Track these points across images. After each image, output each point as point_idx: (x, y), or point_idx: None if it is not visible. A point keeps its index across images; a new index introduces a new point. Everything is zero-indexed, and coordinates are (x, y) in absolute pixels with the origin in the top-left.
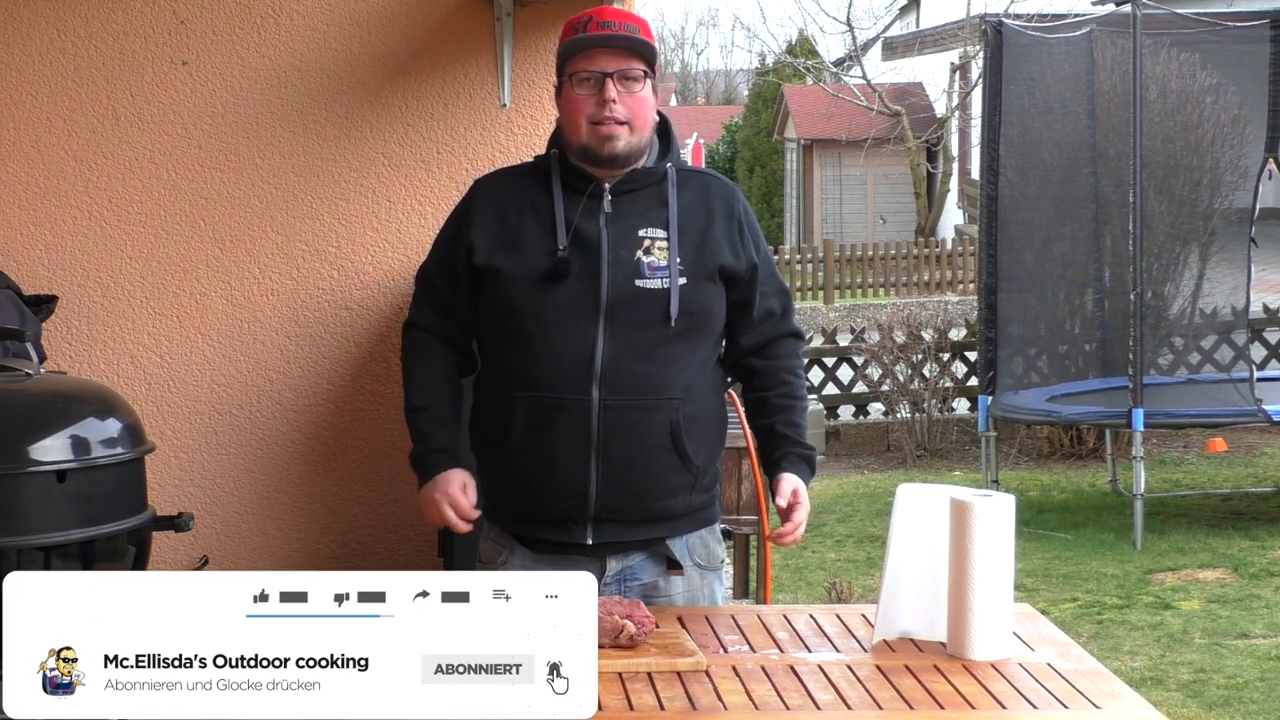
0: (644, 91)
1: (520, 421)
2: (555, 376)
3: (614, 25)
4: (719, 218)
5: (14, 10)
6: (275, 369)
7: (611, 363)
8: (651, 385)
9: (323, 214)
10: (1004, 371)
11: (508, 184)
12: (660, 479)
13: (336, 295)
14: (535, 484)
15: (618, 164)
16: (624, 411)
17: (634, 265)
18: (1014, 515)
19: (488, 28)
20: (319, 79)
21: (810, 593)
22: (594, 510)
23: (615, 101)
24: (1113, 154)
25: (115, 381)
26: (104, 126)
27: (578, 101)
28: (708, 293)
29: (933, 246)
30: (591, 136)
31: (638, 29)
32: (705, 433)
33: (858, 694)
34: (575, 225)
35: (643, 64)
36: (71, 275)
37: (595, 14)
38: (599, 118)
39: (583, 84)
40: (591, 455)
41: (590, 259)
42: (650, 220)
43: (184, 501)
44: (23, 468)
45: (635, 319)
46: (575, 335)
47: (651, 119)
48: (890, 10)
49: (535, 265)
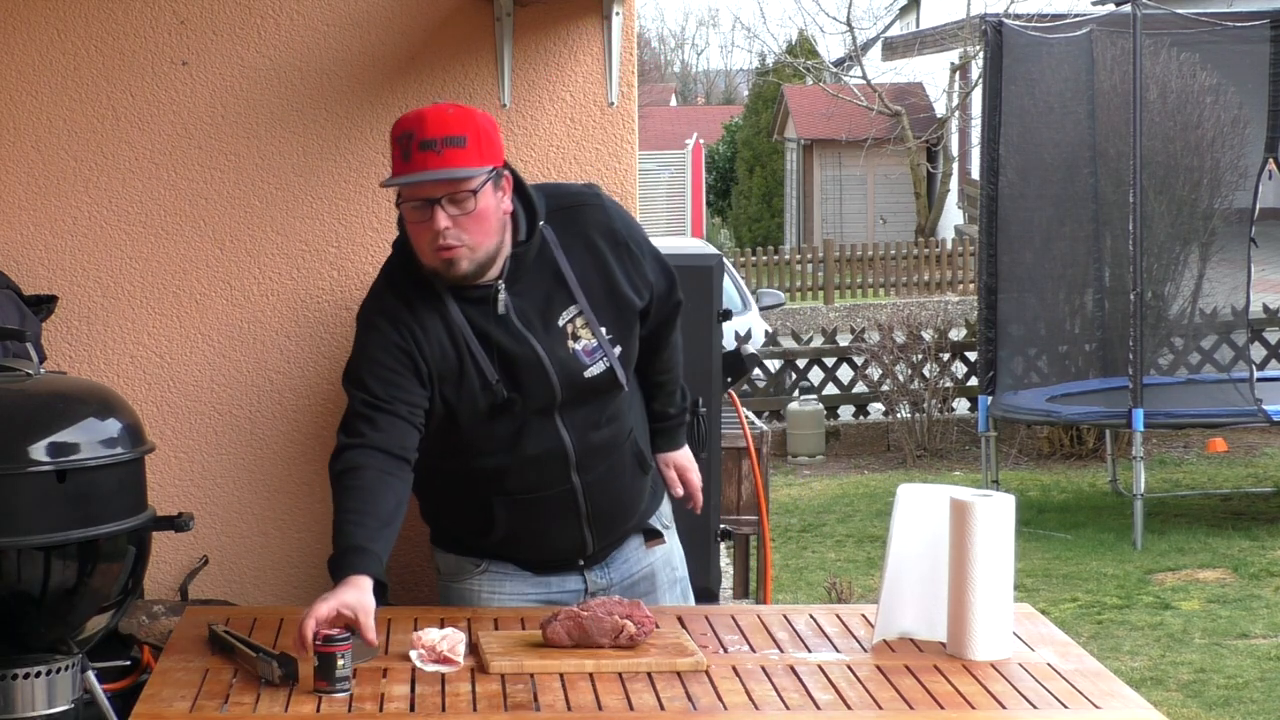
0: (481, 204)
1: (504, 519)
2: (532, 478)
3: (435, 144)
4: (609, 256)
5: (14, 10)
6: (275, 369)
7: (580, 446)
8: (615, 440)
9: (323, 214)
10: (1004, 371)
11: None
12: (637, 496)
13: (336, 295)
14: (529, 554)
15: (471, 279)
16: (601, 478)
17: (573, 358)
18: (1014, 515)
19: (488, 28)
20: (319, 79)
21: (810, 593)
22: (590, 552)
23: (449, 228)
24: (1113, 154)
25: (115, 381)
26: (104, 126)
27: (413, 227)
28: (634, 338)
29: (933, 246)
30: (436, 261)
31: (464, 139)
32: (643, 424)
33: (858, 694)
34: (498, 346)
35: (474, 182)
36: (71, 275)
37: (415, 128)
38: (434, 246)
39: (411, 210)
40: (583, 523)
41: (533, 372)
42: (559, 302)
43: (184, 501)
44: (22, 468)
45: (590, 402)
46: (541, 438)
47: (497, 225)
48: (890, 10)
49: (478, 402)
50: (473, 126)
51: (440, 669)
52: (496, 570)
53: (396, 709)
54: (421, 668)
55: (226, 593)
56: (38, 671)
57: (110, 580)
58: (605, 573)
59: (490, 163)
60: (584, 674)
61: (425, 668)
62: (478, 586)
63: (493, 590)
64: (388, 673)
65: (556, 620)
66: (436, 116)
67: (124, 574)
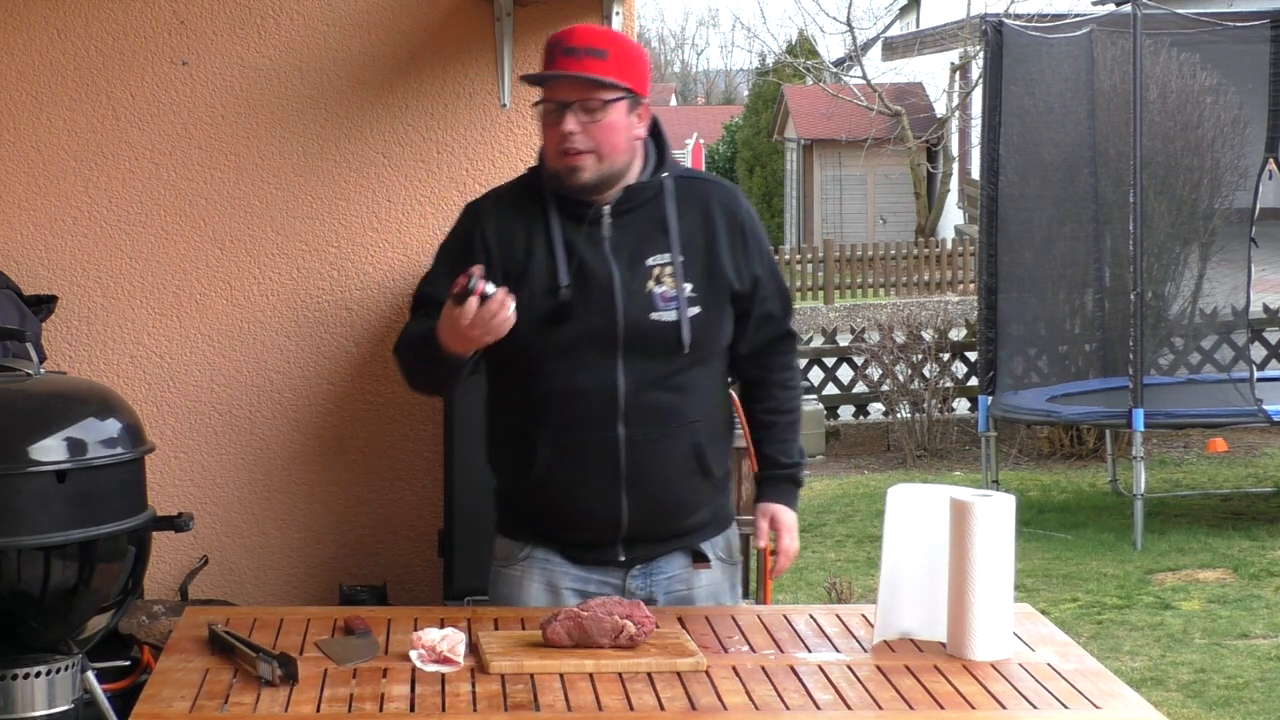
0: (610, 117)
1: (544, 456)
2: (578, 415)
3: (577, 52)
4: (722, 230)
5: (14, 10)
6: (275, 369)
7: (633, 397)
8: (674, 414)
9: (323, 214)
10: (1004, 371)
11: (506, 209)
12: (689, 499)
13: (336, 295)
14: (563, 514)
15: (588, 192)
16: (649, 443)
17: (646, 298)
18: (1014, 515)
19: (488, 28)
20: (319, 79)
21: (810, 593)
22: (625, 534)
23: (575, 133)
24: (1113, 154)
25: (115, 381)
26: (104, 126)
27: (544, 130)
28: (717, 316)
29: (933, 246)
30: (559, 165)
31: (605, 52)
32: (722, 439)
33: (858, 694)
34: (580, 259)
35: (607, 92)
36: (71, 275)
37: (564, 37)
38: (561, 149)
39: (547, 113)
40: (621, 487)
41: (602, 293)
42: (655, 247)
43: (184, 501)
44: (22, 468)
45: (651, 351)
46: (594, 373)
47: (625, 142)
48: (890, 10)
49: (539, 305)
50: (618, 45)
51: (440, 669)
52: (540, 557)
53: (396, 709)
54: (421, 668)
55: (226, 593)
56: (38, 671)
57: (110, 580)
58: (645, 583)
59: (629, 83)
60: (584, 674)
61: (425, 668)
62: (519, 572)
63: (534, 578)
64: (388, 673)
65: (556, 620)
66: (586, 29)
67: (124, 574)
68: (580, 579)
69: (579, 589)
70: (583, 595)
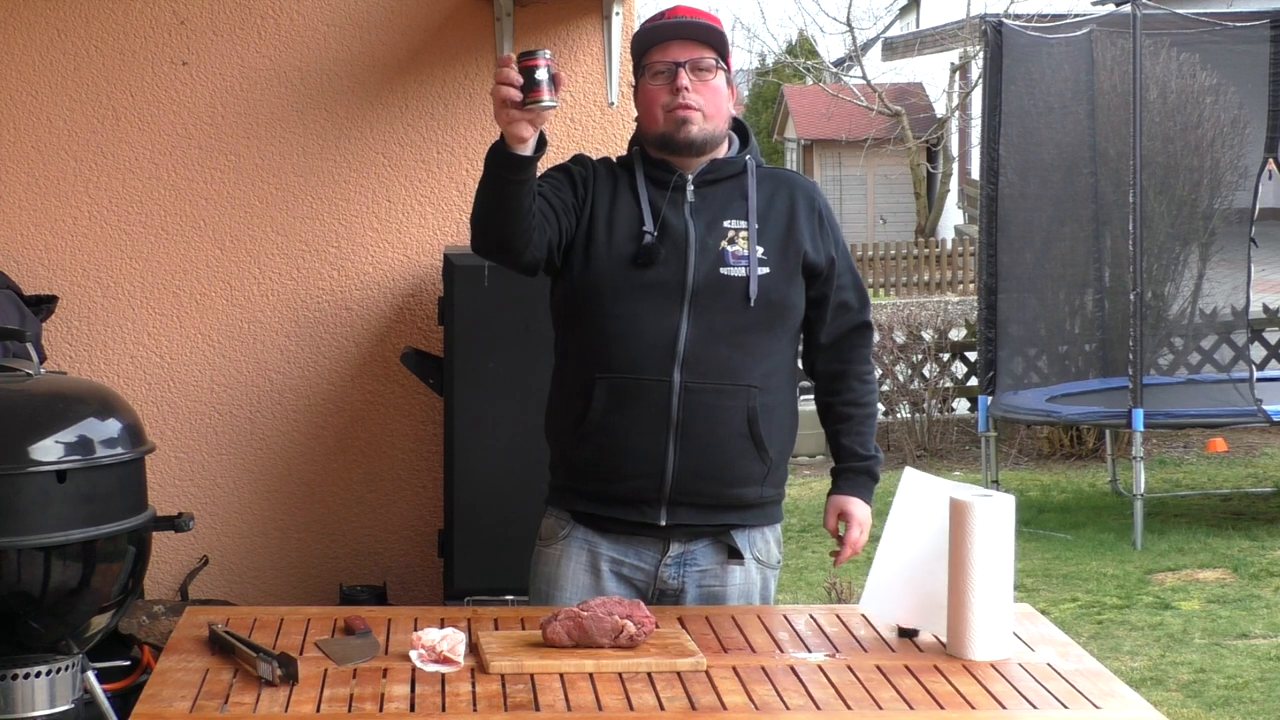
0: (716, 81)
1: (600, 401)
2: (638, 358)
3: (687, 16)
4: (801, 211)
5: (14, 10)
6: (275, 369)
7: (693, 346)
8: (731, 370)
9: (323, 214)
10: (1004, 371)
11: (604, 166)
12: (737, 465)
13: (336, 295)
14: (612, 463)
15: (694, 150)
16: (703, 395)
17: (719, 253)
18: (1014, 515)
19: (488, 28)
20: (319, 79)
21: (810, 593)
22: (669, 492)
23: (688, 89)
24: (1113, 154)
25: (115, 381)
26: (104, 126)
27: (653, 92)
28: (788, 283)
29: (933, 246)
30: (668, 123)
31: (714, 25)
32: (780, 425)
33: (858, 694)
34: (662, 215)
35: (714, 54)
36: (71, 275)
37: (669, 12)
38: (673, 105)
39: (657, 76)
40: (670, 436)
41: (677, 246)
42: (733, 213)
43: (184, 501)
44: (23, 468)
45: (717, 304)
46: (659, 319)
47: (725, 110)
48: (890, 10)
49: (623, 248)
50: (720, 26)
51: (440, 669)
52: (580, 536)
53: (396, 709)
54: (421, 668)
55: (226, 593)
56: (38, 671)
57: (110, 580)
58: (678, 573)
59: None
60: (584, 674)
61: (425, 668)
62: (559, 551)
63: (573, 556)
64: (388, 673)
65: (556, 620)
66: (684, 9)
67: (124, 574)
68: (616, 560)
69: (616, 572)
70: (620, 579)
